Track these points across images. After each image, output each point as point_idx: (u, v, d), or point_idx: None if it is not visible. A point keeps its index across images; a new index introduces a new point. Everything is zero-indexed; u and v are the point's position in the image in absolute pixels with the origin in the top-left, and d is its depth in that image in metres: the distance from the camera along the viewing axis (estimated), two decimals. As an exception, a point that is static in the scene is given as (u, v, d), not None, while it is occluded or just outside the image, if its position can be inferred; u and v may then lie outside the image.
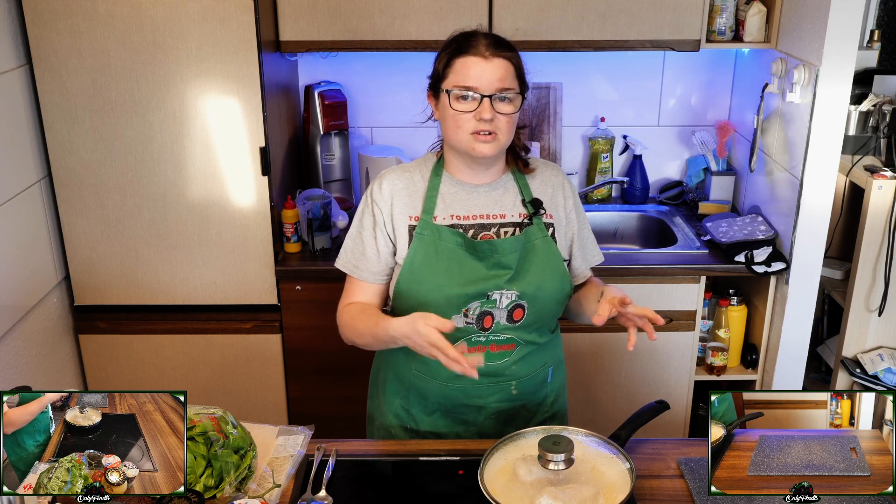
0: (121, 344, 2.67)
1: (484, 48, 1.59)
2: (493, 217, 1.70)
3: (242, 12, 2.33)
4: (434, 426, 1.79)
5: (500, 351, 1.70)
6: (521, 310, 1.68)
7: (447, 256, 1.65)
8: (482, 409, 1.75)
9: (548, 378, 1.80)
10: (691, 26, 2.60)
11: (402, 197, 1.70)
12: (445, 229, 1.67)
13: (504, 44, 1.62)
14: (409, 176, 1.72)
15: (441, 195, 1.70)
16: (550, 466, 1.46)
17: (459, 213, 1.69)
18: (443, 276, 1.64)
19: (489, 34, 1.63)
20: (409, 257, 1.67)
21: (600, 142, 3.06)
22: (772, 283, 2.67)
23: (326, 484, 1.56)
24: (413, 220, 1.69)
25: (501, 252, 1.66)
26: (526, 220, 1.71)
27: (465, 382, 1.70)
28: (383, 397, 1.85)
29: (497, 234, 1.69)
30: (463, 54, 1.60)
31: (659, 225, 3.00)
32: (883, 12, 3.03)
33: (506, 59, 1.60)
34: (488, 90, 1.58)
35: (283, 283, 2.62)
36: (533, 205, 1.71)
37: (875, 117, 2.73)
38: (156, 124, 2.43)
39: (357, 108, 3.05)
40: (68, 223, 2.53)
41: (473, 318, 1.66)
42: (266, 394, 2.75)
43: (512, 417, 1.77)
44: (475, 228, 1.69)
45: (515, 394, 1.74)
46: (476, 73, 1.58)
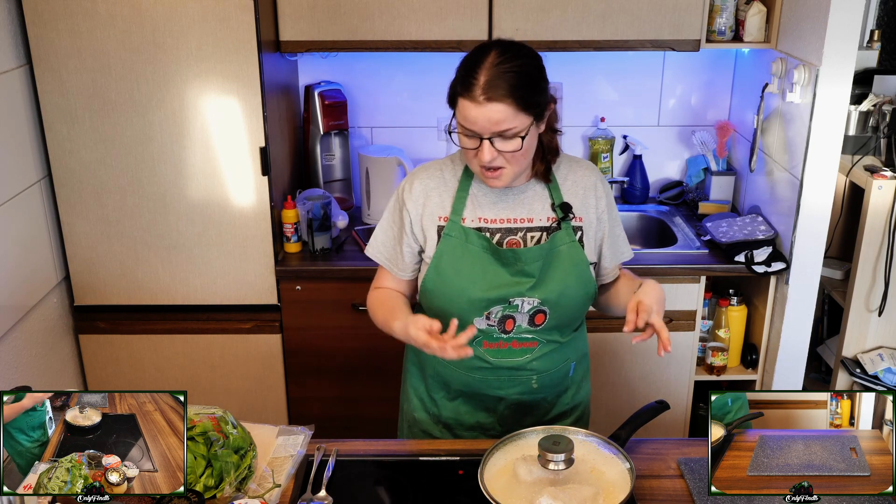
0: (121, 344, 2.67)
1: (479, 92, 1.50)
2: (520, 221, 1.69)
3: (242, 12, 2.33)
4: (456, 412, 1.80)
5: (522, 348, 1.71)
6: (543, 314, 1.68)
7: (472, 260, 1.66)
8: (502, 400, 1.77)
9: (570, 372, 1.81)
10: (691, 26, 2.60)
11: (432, 197, 1.70)
12: (473, 232, 1.67)
13: (502, 85, 1.50)
14: (441, 175, 1.72)
15: (471, 196, 1.69)
16: (550, 466, 1.46)
17: (487, 217, 1.69)
18: (467, 280, 1.65)
19: (495, 66, 1.52)
20: (436, 258, 1.68)
21: (600, 142, 3.06)
22: (772, 283, 2.67)
23: (326, 484, 1.56)
24: (442, 221, 1.69)
25: (525, 261, 1.65)
26: (554, 225, 1.70)
27: (486, 374, 1.72)
28: (409, 384, 1.88)
29: (524, 238, 1.68)
30: (462, 95, 1.54)
31: (659, 225, 3.00)
32: (883, 12, 3.03)
33: (500, 102, 1.50)
34: (485, 133, 1.54)
35: (283, 283, 2.62)
36: (562, 209, 1.69)
37: (875, 117, 2.73)
38: (156, 124, 2.43)
39: (357, 108, 3.05)
40: (68, 223, 2.53)
41: (495, 321, 1.67)
42: (266, 394, 2.75)
43: (532, 409, 1.79)
44: (502, 232, 1.68)
45: (536, 387, 1.76)
46: (472, 117, 1.53)
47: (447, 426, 1.83)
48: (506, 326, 1.68)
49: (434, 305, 1.70)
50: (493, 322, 1.67)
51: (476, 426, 1.81)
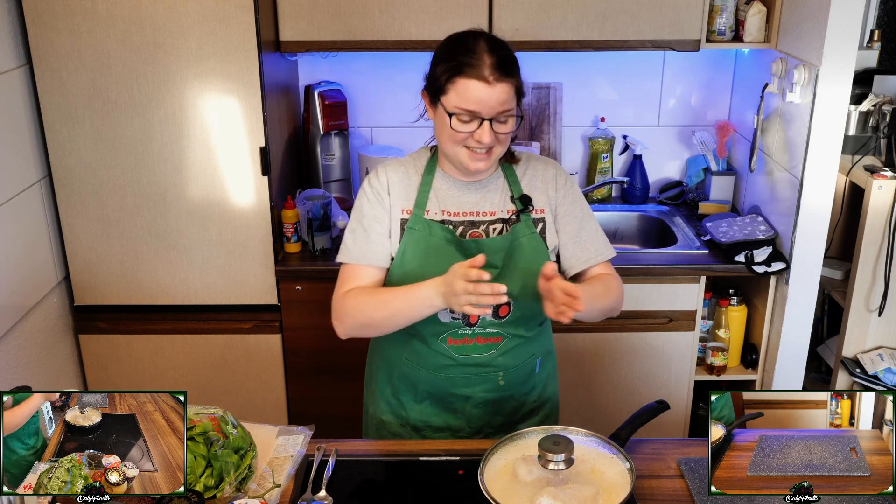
0: (121, 344, 2.67)
1: (488, 72, 1.54)
2: (482, 214, 1.72)
3: (242, 12, 2.33)
4: (423, 414, 1.81)
5: (487, 343, 1.73)
6: (507, 307, 1.70)
7: (436, 252, 1.68)
8: (469, 399, 1.77)
9: (535, 369, 1.82)
10: (691, 26, 2.60)
11: (396, 189, 1.72)
12: (436, 224, 1.69)
13: (508, 64, 1.57)
14: (405, 170, 1.74)
15: (434, 190, 1.72)
16: (550, 466, 1.46)
17: (451, 210, 1.71)
18: (431, 272, 1.63)
19: (493, 50, 1.57)
20: (400, 251, 1.70)
21: (600, 142, 3.06)
22: (772, 283, 2.67)
23: (326, 484, 1.56)
24: (405, 214, 1.71)
25: (488, 251, 1.65)
26: (514, 217, 1.72)
27: (453, 372, 1.74)
28: (375, 386, 1.88)
29: (486, 231, 1.71)
30: (466, 75, 1.55)
31: (659, 225, 3.00)
32: (883, 12, 3.03)
33: (509, 82, 1.56)
34: (489, 114, 1.57)
35: (283, 283, 2.62)
36: (521, 201, 1.72)
37: (875, 117, 2.73)
38: (156, 124, 2.43)
39: (357, 108, 3.05)
40: (68, 223, 2.53)
41: (459, 313, 1.68)
42: (266, 394, 2.75)
43: (500, 407, 1.79)
44: (465, 225, 1.71)
45: (503, 384, 1.76)
46: (478, 97, 1.55)
47: (416, 428, 1.82)
48: (470, 319, 1.69)
49: None
50: (457, 315, 1.69)
51: (445, 428, 1.81)
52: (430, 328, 1.70)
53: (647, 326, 2.67)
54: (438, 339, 1.72)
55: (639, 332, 2.68)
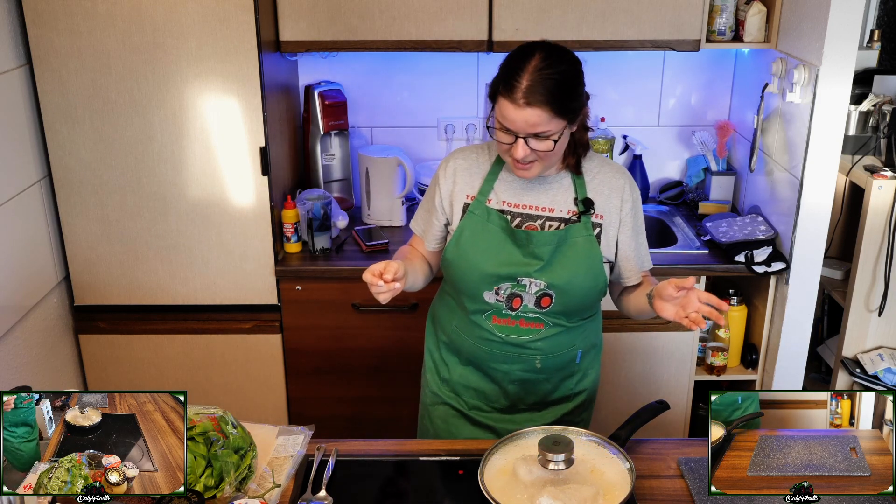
0: (121, 344, 2.67)
1: (520, 96, 1.58)
2: (541, 210, 1.78)
3: (242, 12, 2.33)
4: (465, 378, 1.91)
5: (529, 328, 1.80)
6: (549, 298, 1.76)
7: (489, 237, 1.76)
8: (507, 374, 1.86)
9: (576, 359, 1.87)
10: (691, 26, 2.60)
11: (463, 176, 1.82)
12: (494, 212, 1.78)
13: (542, 91, 1.58)
14: (476, 157, 1.83)
15: (500, 180, 1.80)
16: (550, 466, 1.46)
17: (511, 201, 1.78)
18: (481, 254, 1.76)
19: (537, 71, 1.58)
20: (458, 232, 1.80)
21: (600, 142, 3.06)
22: (772, 283, 2.67)
23: (326, 484, 1.56)
24: (469, 199, 1.81)
25: (536, 243, 1.74)
26: (574, 218, 1.77)
27: (493, 347, 1.83)
28: (426, 348, 2.02)
29: (542, 225, 1.77)
30: (503, 94, 1.61)
31: (659, 225, 3.00)
32: (883, 12, 3.03)
33: (539, 107, 1.58)
34: (521, 133, 1.63)
35: (283, 283, 2.62)
36: (584, 203, 1.76)
37: (875, 117, 2.73)
38: (156, 124, 2.43)
39: (357, 108, 3.05)
40: (68, 223, 2.53)
41: (504, 297, 1.77)
42: (266, 394, 2.75)
43: (535, 388, 1.88)
44: (522, 217, 1.78)
45: (539, 367, 1.84)
46: (510, 118, 1.61)
47: (455, 391, 1.93)
48: (513, 304, 1.77)
49: (451, 276, 1.83)
50: (501, 298, 1.77)
51: (481, 392, 1.90)
52: (477, 305, 1.80)
53: (647, 326, 2.67)
54: (483, 315, 1.81)
55: (639, 332, 2.68)
